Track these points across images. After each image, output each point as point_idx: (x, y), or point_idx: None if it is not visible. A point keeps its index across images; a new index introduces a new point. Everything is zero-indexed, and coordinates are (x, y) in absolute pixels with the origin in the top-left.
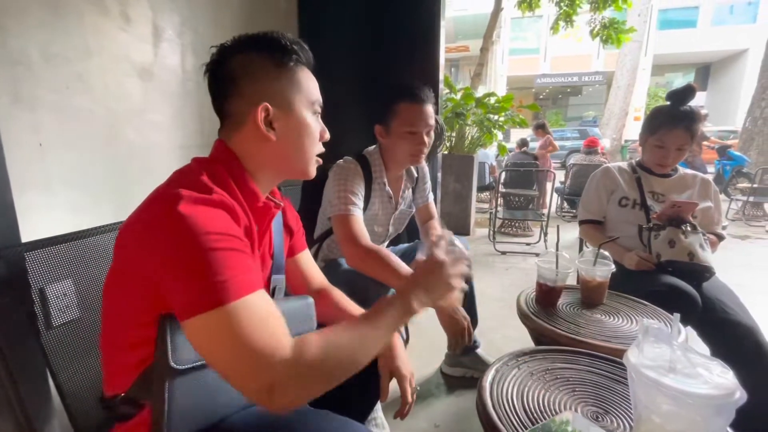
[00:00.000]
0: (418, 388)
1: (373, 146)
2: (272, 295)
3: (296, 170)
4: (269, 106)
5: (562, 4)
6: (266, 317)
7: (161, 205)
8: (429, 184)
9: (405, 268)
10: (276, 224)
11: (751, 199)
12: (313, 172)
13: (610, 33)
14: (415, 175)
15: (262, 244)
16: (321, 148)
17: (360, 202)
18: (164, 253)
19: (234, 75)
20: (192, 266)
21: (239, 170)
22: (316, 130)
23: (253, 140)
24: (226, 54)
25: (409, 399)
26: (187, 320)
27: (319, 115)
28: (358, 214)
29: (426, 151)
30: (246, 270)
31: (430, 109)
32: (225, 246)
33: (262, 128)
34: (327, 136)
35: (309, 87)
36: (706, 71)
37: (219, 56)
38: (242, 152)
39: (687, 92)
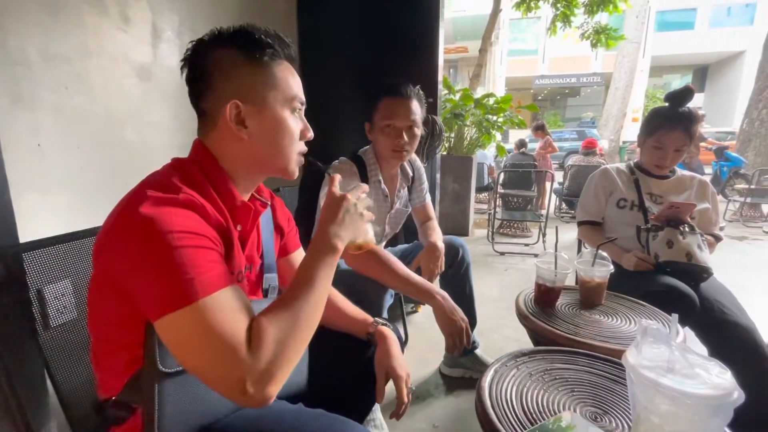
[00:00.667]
0: (414, 389)
1: (368, 146)
2: (265, 294)
3: (275, 169)
4: (239, 104)
5: (558, 5)
6: (234, 313)
7: (125, 207)
8: (426, 185)
9: (403, 269)
10: (265, 223)
11: (749, 200)
12: (294, 172)
13: (600, 38)
14: (411, 174)
15: (249, 244)
16: (302, 147)
17: None
18: (130, 255)
19: (206, 71)
20: (158, 266)
21: (215, 170)
22: (294, 128)
23: (226, 139)
24: (201, 49)
25: (405, 399)
26: (158, 320)
27: (302, 113)
28: None
29: (408, 147)
30: (213, 266)
31: (411, 104)
32: (190, 244)
33: (233, 126)
34: (310, 134)
35: (286, 83)
36: (703, 73)
37: (194, 51)
38: (217, 151)
39: (685, 94)
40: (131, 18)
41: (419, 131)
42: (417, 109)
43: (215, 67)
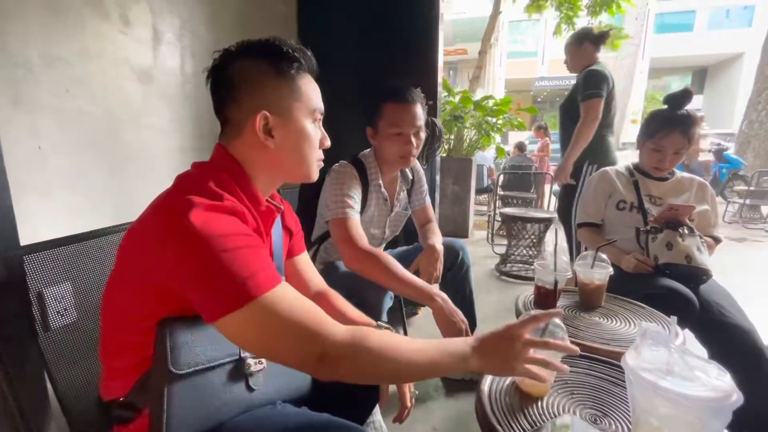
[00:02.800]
0: (417, 393)
1: (368, 149)
2: None
3: (296, 176)
4: (268, 115)
5: (562, 8)
6: (300, 301)
7: (172, 214)
8: (425, 187)
9: (403, 271)
10: (276, 226)
11: (748, 201)
12: (315, 176)
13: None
14: (410, 177)
15: (265, 247)
16: (321, 155)
17: (357, 205)
18: (182, 261)
19: (234, 82)
20: (213, 270)
21: (243, 176)
22: (315, 138)
23: (252, 147)
24: (228, 60)
25: (408, 403)
26: (220, 320)
27: (320, 122)
28: (355, 217)
29: (415, 152)
30: (267, 264)
31: (417, 109)
32: (242, 244)
33: (261, 136)
34: (327, 143)
35: (310, 95)
36: (702, 75)
37: (221, 62)
38: (242, 158)
39: (683, 96)
40: (132, 21)
41: (423, 135)
42: (421, 113)
43: (243, 78)
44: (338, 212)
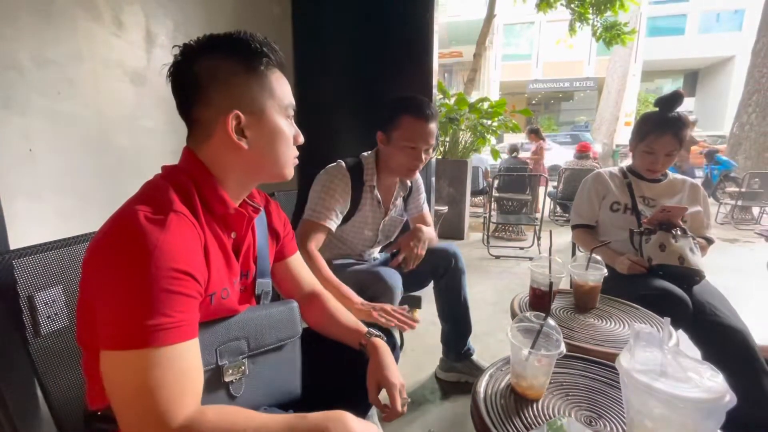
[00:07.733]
0: (409, 400)
1: (371, 151)
2: (258, 300)
3: (271, 175)
4: (240, 114)
5: (572, 5)
6: (182, 373)
7: (119, 223)
8: (423, 195)
9: (329, 273)
10: (260, 227)
11: (739, 203)
12: (290, 174)
13: (613, 35)
14: (408, 184)
15: (243, 251)
16: (295, 152)
17: (337, 217)
18: (111, 275)
19: (200, 81)
20: (131, 299)
21: (207, 180)
22: (289, 135)
23: (223, 148)
24: (191, 56)
25: (399, 408)
26: (107, 351)
27: (293, 119)
28: (328, 224)
29: (421, 166)
30: (182, 317)
31: (433, 127)
32: (171, 287)
33: (234, 137)
34: (301, 139)
35: (282, 91)
36: (694, 77)
37: (183, 58)
38: (212, 161)
39: (675, 99)
40: (125, 23)
41: (432, 151)
42: (435, 131)
43: (211, 77)
44: (314, 216)
